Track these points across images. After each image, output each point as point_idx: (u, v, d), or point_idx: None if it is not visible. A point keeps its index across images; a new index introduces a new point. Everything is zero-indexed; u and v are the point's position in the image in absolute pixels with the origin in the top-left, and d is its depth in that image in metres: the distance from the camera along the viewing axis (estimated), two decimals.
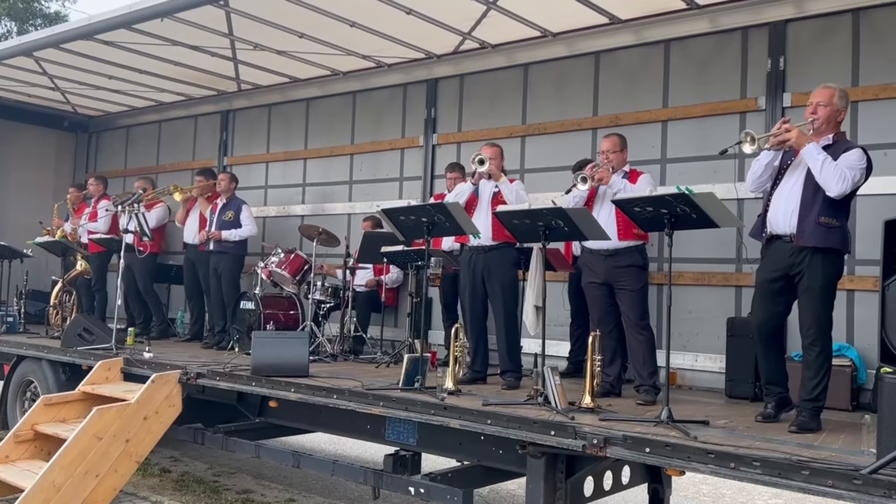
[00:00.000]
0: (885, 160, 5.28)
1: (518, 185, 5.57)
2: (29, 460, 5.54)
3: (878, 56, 5.43)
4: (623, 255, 5.09)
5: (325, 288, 7.24)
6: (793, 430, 3.93)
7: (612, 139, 5.37)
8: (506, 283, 5.45)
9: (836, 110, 4.23)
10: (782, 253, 4.20)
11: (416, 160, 7.93)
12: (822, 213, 4.09)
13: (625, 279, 5.08)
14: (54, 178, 10.99)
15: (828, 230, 4.09)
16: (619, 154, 5.31)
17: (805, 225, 4.10)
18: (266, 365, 5.37)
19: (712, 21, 6.11)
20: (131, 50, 7.63)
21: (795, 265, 4.15)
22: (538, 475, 3.98)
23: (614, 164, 5.26)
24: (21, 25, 24.32)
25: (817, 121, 4.22)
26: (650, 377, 4.96)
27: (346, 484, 6.26)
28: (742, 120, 5.98)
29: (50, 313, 8.41)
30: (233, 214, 7.81)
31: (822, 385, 4.07)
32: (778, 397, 4.31)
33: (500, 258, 5.46)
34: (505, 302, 5.43)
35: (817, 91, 4.31)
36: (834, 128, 4.25)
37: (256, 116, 9.41)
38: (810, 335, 4.12)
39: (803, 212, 4.12)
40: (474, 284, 5.55)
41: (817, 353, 4.10)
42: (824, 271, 4.11)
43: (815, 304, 4.11)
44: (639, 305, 5.10)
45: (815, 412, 4.06)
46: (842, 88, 4.33)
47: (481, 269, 5.51)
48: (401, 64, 7.84)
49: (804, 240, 4.10)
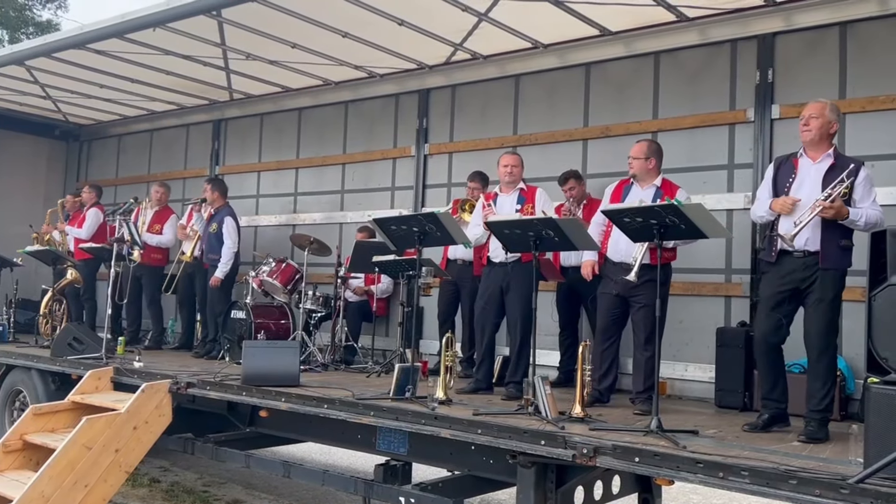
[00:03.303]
0: (871, 172, 5.33)
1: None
2: (17, 470, 5.50)
3: (864, 69, 5.50)
4: (646, 269, 4.84)
5: (316, 297, 7.24)
6: (802, 440, 3.99)
7: (639, 145, 5.24)
8: (525, 297, 5.30)
9: (829, 122, 4.29)
10: (794, 267, 4.25)
11: (408, 170, 7.95)
12: (843, 237, 4.21)
13: (642, 294, 4.95)
14: (45, 187, 10.97)
15: (846, 252, 4.22)
16: (644, 162, 5.14)
17: (829, 248, 4.18)
18: (257, 374, 5.36)
19: (702, 33, 6.17)
20: (123, 59, 7.63)
21: (807, 279, 4.22)
22: (528, 485, 3.99)
23: (637, 172, 5.15)
24: (13, 34, 24.29)
25: (810, 133, 4.29)
26: (648, 390, 4.94)
27: (336, 494, 6.24)
28: (731, 131, 6.03)
29: (40, 322, 8.37)
30: (216, 227, 7.71)
31: (830, 395, 4.15)
32: (774, 411, 4.35)
33: (521, 272, 5.35)
34: (523, 315, 5.34)
35: (809, 105, 4.38)
36: (828, 140, 4.32)
37: (248, 126, 9.42)
38: (820, 346, 4.19)
39: (826, 236, 4.18)
40: (490, 297, 5.52)
41: (826, 363, 4.19)
42: (835, 285, 4.22)
43: (827, 316, 4.19)
44: (652, 321, 5.02)
45: (824, 422, 4.13)
46: (833, 103, 4.40)
47: (500, 282, 5.47)
48: (393, 74, 7.87)
49: (828, 262, 4.18)
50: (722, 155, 6.04)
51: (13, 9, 24.58)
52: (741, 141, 5.97)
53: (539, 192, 5.64)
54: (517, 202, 5.61)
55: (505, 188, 5.75)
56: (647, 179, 5.17)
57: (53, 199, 9.93)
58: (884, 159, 5.31)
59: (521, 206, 5.56)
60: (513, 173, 5.67)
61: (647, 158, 5.15)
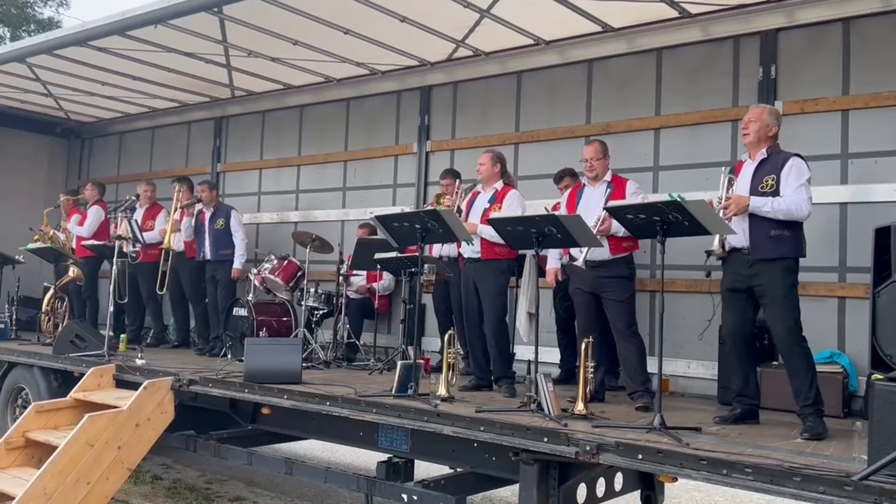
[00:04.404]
0: (874, 168, 5.33)
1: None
2: (20, 468, 5.50)
3: (868, 65, 5.48)
4: (610, 265, 5.08)
5: (318, 295, 7.24)
6: (805, 437, 4.01)
7: (594, 146, 5.37)
8: (493, 292, 5.41)
9: (766, 125, 4.46)
10: (741, 264, 4.36)
11: (410, 167, 7.94)
12: (772, 227, 4.27)
13: (611, 289, 5.08)
14: (46, 185, 10.96)
15: (780, 241, 4.27)
16: (602, 161, 5.31)
17: (758, 240, 4.28)
18: (259, 372, 5.36)
19: (704, 30, 6.15)
20: (125, 56, 7.63)
21: (754, 276, 4.30)
22: (531, 482, 3.99)
23: (598, 171, 5.28)
24: (14, 31, 24.29)
25: (748, 136, 4.46)
26: (643, 383, 4.98)
27: (338, 491, 6.24)
28: (734, 128, 6.00)
29: (42, 320, 8.37)
30: (223, 223, 7.73)
31: (813, 386, 4.17)
32: (748, 407, 4.43)
33: (489, 267, 5.43)
34: (493, 309, 5.42)
35: (750, 110, 4.60)
36: (767, 141, 4.46)
37: (250, 123, 9.41)
38: (787, 343, 4.24)
39: (754, 229, 4.29)
40: (468, 293, 5.56)
41: (799, 357, 4.22)
42: (784, 279, 4.25)
43: (783, 312, 4.23)
44: (626, 315, 5.11)
45: (819, 414, 4.15)
46: (772, 107, 4.61)
47: (472, 277, 5.52)
48: (394, 71, 7.86)
49: (759, 253, 4.28)
50: (724, 152, 6.02)
51: (15, 6, 24.59)
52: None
53: (510, 194, 5.58)
54: (488, 201, 5.60)
55: (485, 185, 5.75)
56: (600, 177, 5.30)
57: (54, 197, 9.91)
58: (887, 155, 5.29)
59: (490, 205, 5.54)
60: (479, 171, 5.68)
61: (605, 156, 5.33)
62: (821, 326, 5.27)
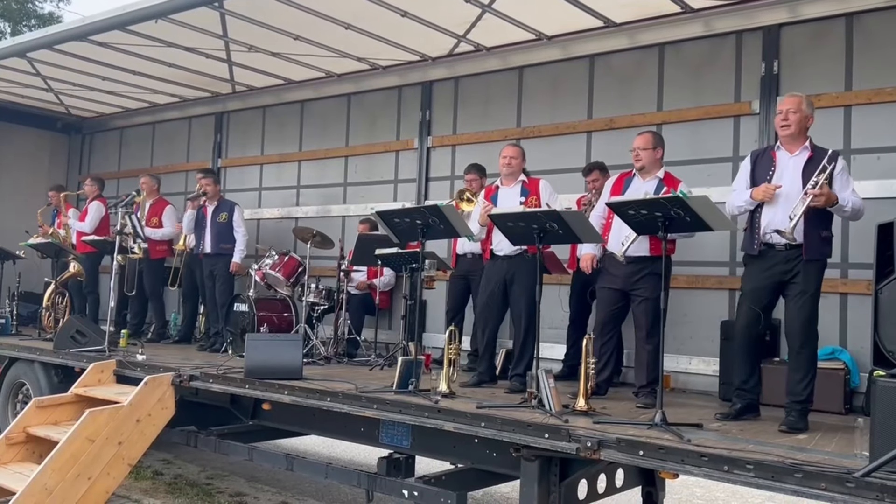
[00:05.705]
0: (877, 164, 5.31)
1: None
2: (20, 463, 5.51)
3: (870, 60, 5.46)
4: (648, 262, 4.90)
5: (318, 290, 7.23)
6: (783, 430, 4.02)
7: (643, 136, 5.19)
8: (529, 290, 5.26)
9: (806, 116, 4.35)
10: (777, 260, 4.29)
11: (411, 163, 7.93)
12: (824, 228, 4.26)
13: (644, 287, 4.94)
14: (47, 180, 10.92)
15: (826, 242, 4.28)
16: (649, 152, 5.09)
17: (811, 240, 4.21)
18: (259, 367, 5.35)
19: (706, 25, 6.13)
20: (125, 51, 7.62)
21: (790, 271, 4.26)
22: (532, 478, 3.98)
23: (645, 163, 5.09)
24: (14, 26, 24.24)
25: (789, 128, 4.33)
26: (651, 383, 4.93)
27: (339, 487, 6.25)
28: (736, 124, 6.00)
29: (42, 315, 8.37)
30: (226, 216, 7.74)
31: (810, 385, 4.19)
32: (749, 401, 4.42)
33: (525, 265, 5.34)
34: (527, 308, 5.32)
35: (786, 99, 4.43)
36: (804, 134, 4.37)
37: (251, 118, 9.40)
38: (802, 337, 4.22)
39: (809, 227, 4.20)
40: (493, 291, 5.50)
41: (808, 354, 4.23)
42: (817, 277, 4.26)
43: (809, 308, 4.22)
44: (653, 312, 4.97)
45: (804, 412, 4.16)
46: (807, 96, 4.43)
47: (504, 274, 5.45)
48: (396, 66, 7.84)
49: (810, 253, 4.22)
50: (726, 147, 6.01)
51: (15, 1, 24.53)
52: (746, 133, 5.94)
53: (543, 184, 5.61)
54: (521, 195, 5.58)
55: (506, 181, 5.72)
56: (651, 171, 5.13)
57: None
58: (889, 151, 5.29)
59: (526, 198, 5.53)
60: (511, 164, 5.65)
61: (655, 148, 5.12)
62: (823, 322, 5.18)
